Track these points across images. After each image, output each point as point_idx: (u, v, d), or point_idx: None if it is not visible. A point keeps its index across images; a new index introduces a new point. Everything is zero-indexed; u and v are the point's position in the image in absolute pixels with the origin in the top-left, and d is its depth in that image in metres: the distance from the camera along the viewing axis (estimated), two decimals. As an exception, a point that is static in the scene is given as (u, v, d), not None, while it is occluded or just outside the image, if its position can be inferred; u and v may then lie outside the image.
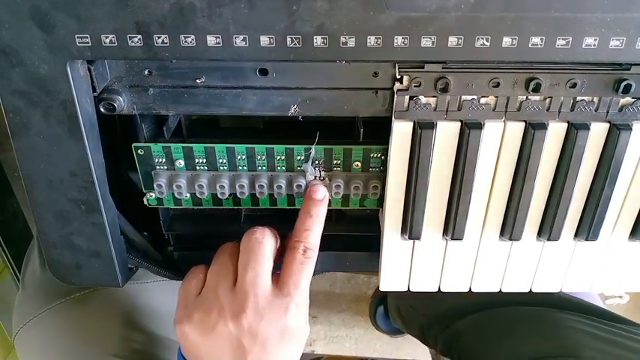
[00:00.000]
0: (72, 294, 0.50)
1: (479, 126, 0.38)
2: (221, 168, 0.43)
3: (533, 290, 0.46)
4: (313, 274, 0.43)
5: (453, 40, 0.33)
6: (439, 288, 0.46)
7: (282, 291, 0.39)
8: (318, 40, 0.33)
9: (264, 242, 0.40)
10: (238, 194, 0.43)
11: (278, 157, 0.42)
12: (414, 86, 0.37)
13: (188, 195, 0.44)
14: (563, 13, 0.33)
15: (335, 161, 0.42)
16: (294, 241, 0.40)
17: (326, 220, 0.49)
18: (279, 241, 0.43)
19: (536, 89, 0.36)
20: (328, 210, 0.46)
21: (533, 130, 0.38)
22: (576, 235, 0.43)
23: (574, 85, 0.37)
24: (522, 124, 0.38)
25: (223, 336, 0.38)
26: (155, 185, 0.43)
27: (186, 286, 0.42)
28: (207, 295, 0.40)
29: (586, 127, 0.38)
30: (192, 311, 0.40)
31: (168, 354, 0.53)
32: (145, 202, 0.45)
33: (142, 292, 0.53)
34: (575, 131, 0.38)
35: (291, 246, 0.40)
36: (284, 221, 0.49)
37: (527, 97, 0.37)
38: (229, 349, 0.38)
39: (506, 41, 0.34)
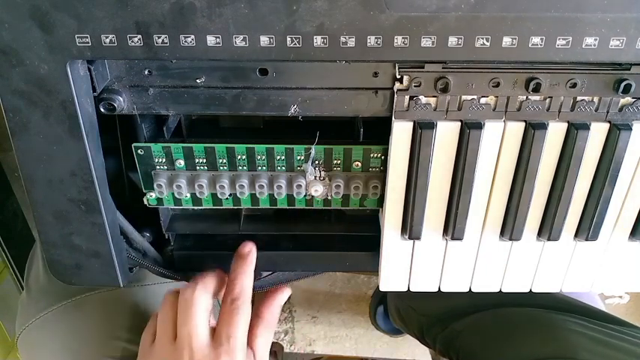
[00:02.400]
0: (74, 296, 0.51)
1: (479, 126, 0.38)
2: (221, 168, 0.43)
3: (534, 290, 0.46)
4: (313, 274, 0.43)
5: (453, 40, 0.33)
6: (439, 288, 0.46)
7: (216, 342, 0.41)
8: (318, 40, 0.33)
9: (195, 299, 0.42)
10: (238, 194, 0.43)
11: (278, 157, 0.42)
12: (414, 86, 0.37)
13: (188, 195, 0.44)
14: (563, 13, 0.33)
15: (335, 161, 0.42)
16: (224, 296, 0.43)
17: (326, 220, 0.50)
18: (225, 276, 0.46)
19: (536, 89, 0.36)
20: (328, 210, 0.46)
21: (533, 130, 0.38)
22: (576, 235, 0.43)
23: (574, 85, 0.37)
24: (522, 124, 0.38)
25: None
26: (155, 185, 0.43)
27: (146, 330, 0.45)
28: (155, 345, 0.43)
29: (586, 127, 0.38)
30: (146, 358, 0.43)
31: None
32: (145, 202, 0.45)
33: (142, 294, 0.53)
34: (575, 131, 0.38)
35: (222, 301, 0.43)
36: (284, 221, 0.49)
37: (527, 97, 0.37)
38: None
39: (506, 41, 0.34)
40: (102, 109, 0.38)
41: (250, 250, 0.45)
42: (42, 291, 0.52)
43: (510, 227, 0.42)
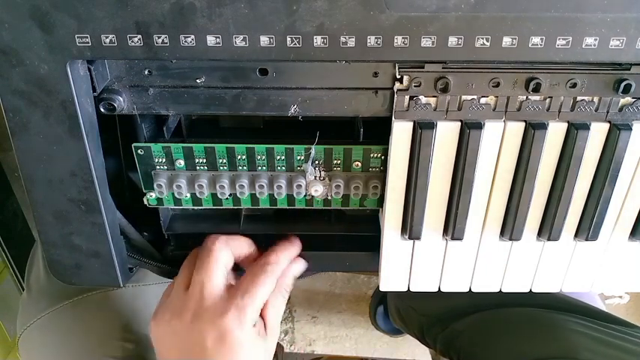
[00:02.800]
0: (74, 297, 0.51)
1: (479, 126, 0.38)
2: (221, 168, 0.43)
3: (534, 290, 0.46)
4: (313, 274, 0.43)
5: (453, 40, 0.33)
6: (439, 288, 0.46)
7: (231, 295, 0.41)
8: (318, 40, 0.33)
9: (215, 249, 0.42)
10: (238, 194, 0.43)
11: (278, 157, 0.42)
12: (414, 86, 0.37)
13: (188, 195, 0.44)
14: (563, 13, 0.33)
15: (335, 161, 0.42)
16: (259, 259, 0.43)
17: (326, 220, 0.50)
18: (253, 247, 0.46)
19: (536, 89, 0.36)
20: (328, 210, 0.46)
21: (533, 130, 0.38)
22: (576, 235, 0.43)
23: (574, 85, 0.37)
24: (522, 124, 0.38)
25: (173, 333, 0.40)
26: (155, 185, 0.43)
27: (165, 291, 0.45)
28: (170, 296, 0.43)
29: (586, 127, 0.38)
30: (157, 310, 0.43)
31: None
32: (145, 202, 0.45)
33: (142, 294, 0.53)
34: (575, 131, 0.38)
35: (255, 262, 0.43)
36: (284, 221, 0.49)
37: (527, 97, 0.37)
38: (177, 345, 0.40)
39: (506, 41, 0.34)
40: (102, 109, 0.38)
41: (297, 239, 0.45)
42: (43, 291, 0.52)
43: (510, 227, 0.42)
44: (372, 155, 0.42)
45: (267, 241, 0.50)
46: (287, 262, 0.43)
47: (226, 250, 0.43)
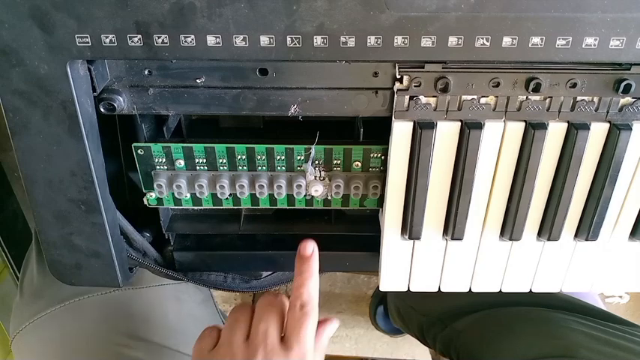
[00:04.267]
0: (67, 300, 0.50)
1: (479, 126, 0.38)
2: (221, 168, 0.43)
3: (534, 290, 0.46)
4: None
5: (453, 40, 0.33)
6: (439, 288, 0.46)
7: (286, 345, 0.40)
8: (318, 40, 0.33)
9: (277, 302, 0.43)
10: (238, 194, 0.43)
11: (278, 157, 0.42)
12: (414, 86, 0.37)
13: (188, 195, 0.44)
14: (563, 13, 0.33)
15: (335, 161, 0.42)
16: (292, 300, 0.42)
17: (326, 220, 0.50)
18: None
19: (536, 89, 0.36)
20: (328, 210, 0.46)
21: (533, 130, 0.38)
22: (576, 235, 0.43)
23: (574, 85, 0.37)
24: (522, 124, 0.38)
25: None
26: (155, 185, 0.43)
27: (199, 343, 0.44)
28: (220, 348, 0.42)
29: (586, 127, 0.38)
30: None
31: None
32: (145, 202, 0.45)
33: (136, 298, 0.53)
34: (575, 131, 0.38)
35: (290, 304, 0.42)
36: (284, 221, 0.49)
37: (527, 97, 0.37)
38: None
39: (506, 41, 0.34)
40: (102, 109, 0.38)
41: (313, 250, 0.43)
42: (35, 294, 0.52)
43: (510, 227, 0.42)
44: (372, 155, 0.42)
45: (267, 241, 0.51)
46: (316, 281, 0.43)
47: (284, 306, 0.43)
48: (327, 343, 0.45)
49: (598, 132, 0.38)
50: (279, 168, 0.43)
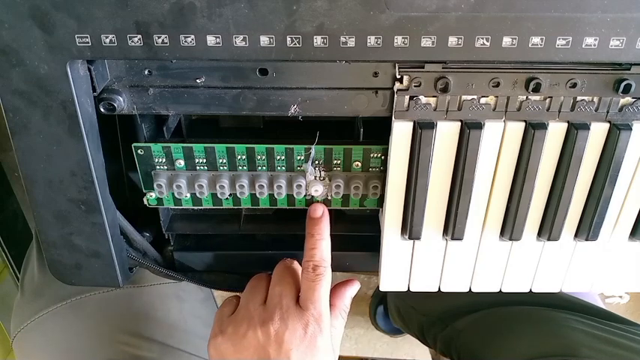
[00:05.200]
0: (68, 298, 0.50)
1: (479, 126, 0.38)
2: (221, 168, 0.43)
3: (534, 290, 0.46)
4: None
5: (453, 40, 0.33)
6: (439, 288, 0.46)
7: (302, 306, 0.41)
8: (318, 40, 0.33)
9: (292, 267, 0.44)
10: (238, 194, 0.43)
11: (278, 157, 0.42)
12: (414, 86, 0.37)
13: (188, 195, 0.44)
14: (563, 13, 0.33)
15: (335, 161, 0.42)
16: (304, 262, 0.43)
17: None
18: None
19: (536, 89, 0.36)
20: (328, 210, 0.46)
21: (533, 130, 0.38)
22: (576, 235, 0.43)
23: (574, 85, 0.37)
24: (522, 124, 0.38)
25: (252, 344, 0.40)
26: (155, 185, 0.43)
27: (221, 309, 0.45)
28: (239, 312, 0.43)
29: (586, 127, 0.38)
30: (225, 326, 0.43)
31: (164, 359, 0.53)
32: (145, 202, 0.45)
33: (137, 296, 0.53)
34: (575, 131, 0.38)
35: (303, 267, 0.43)
36: (284, 221, 0.49)
37: (527, 97, 0.37)
38: (257, 358, 0.40)
39: (506, 41, 0.34)
40: (102, 109, 0.38)
41: (323, 211, 0.44)
42: (36, 293, 0.52)
43: (510, 227, 0.42)
44: (372, 155, 0.42)
45: (267, 241, 0.51)
46: (327, 242, 0.44)
47: (299, 272, 0.44)
48: (350, 303, 0.47)
49: (598, 132, 0.38)
50: (279, 168, 0.43)
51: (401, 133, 0.39)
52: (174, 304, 0.55)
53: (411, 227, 0.42)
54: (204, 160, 0.42)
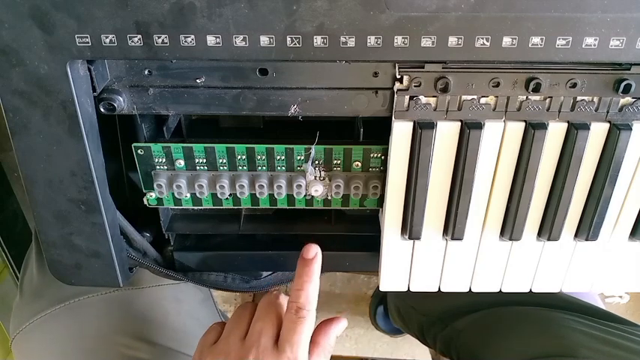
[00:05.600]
0: (67, 300, 0.50)
1: (479, 126, 0.38)
2: (221, 168, 0.43)
3: (534, 290, 0.46)
4: None
5: (453, 40, 0.33)
6: (439, 288, 0.46)
7: (280, 348, 0.41)
8: (318, 40, 0.33)
9: (277, 303, 0.44)
10: (238, 194, 0.43)
11: (278, 157, 0.42)
12: (414, 86, 0.37)
13: (188, 195, 0.44)
14: (563, 13, 0.33)
15: (335, 161, 0.42)
16: (289, 301, 0.43)
17: (326, 220, 0.50)
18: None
19: (536, 89, 0.36)
20: (328, 210, 0.46)
21: (533, 130, 0.38)
22: (576, 235, 0.43)
23: (574, 85, 0.37)
24: (522, 124, 0.38)
25: None
26: (155, 185, 0.43)
27: (205, 336, 0.45)
28: (220, 343, 0.43)
29: (586, 127, 0.38)
30: (204, 356, 0.43)
31: None
32: (145, 202, 0.45)
33: (136, 298, 0.53)
34: (575, 131, 0.38)
35: (287, 306, 0.43)
36: (284, 221, 0.49)
37: (527, 97, 0.37)
38: None
39: (506, 41, 0.34)
40: (102, 109, 0.38)
41: (315, 254, 0.43)
42: (36, 294, 0.52)
43: (510, 227, 0.42)
44: (372, 155, 0.42)
45: (267, 241, 0.51)
46: (315, 286, 0.43)
47: (284, 307, 0.44)
48: (334, 342, 0.46)
49: (598, 132, 0.38)
50: (279, 168, 0.43)
51: (401, 133, 0.39)
52: (173, 306, 0.55)
53: (411, 227, 0.42)
54: (204, 160, 0.42)
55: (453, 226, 0.42)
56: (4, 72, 0.34)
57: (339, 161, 0.42)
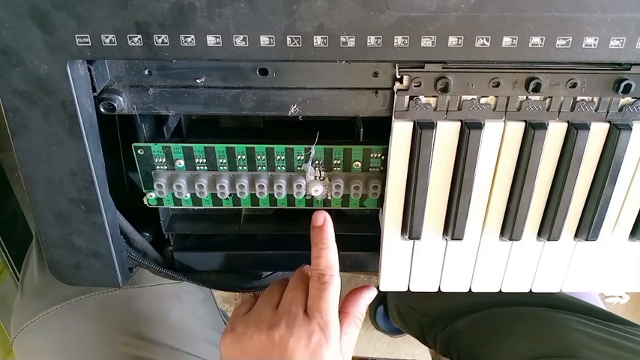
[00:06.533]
0: (68, 299, 0.50)
1: (479, 126, 0.38)
2: (221, 168, 0.43)
3: (534, 290, 0.46)
4: None
5: (453, 40, 0.33)
6: (439, 288, 0.46)
7: (309, 315, 0.41)
8: (318, 40, 0.33)
9: (308, 275, 0.44)
10: (238, 194, 0.43)
11: (278, 157, 0.42)
12: (414, 86, 0.37)
13: (188, 195, 0.44)
14: (563, 13, 0.33)
15: (335, 161, 0.42)
16: (311, 271, 0.43)
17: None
18: None
19: (536, 89, 0.36)
20: (328, 210, 0.46)
21: (533, 130, 0.38)
22: (576, 235, 0.43)
23: (574, 85, 0.37)
24: (522, 124, 0.38)
25: (256, 347, 0.41)
26: (155, 185, 0.43)
27: (238, 308, 0.46)
28: (252, 313, 0.44)
29: (586, 127, 0.38)
30: (236, 325, 0.43)
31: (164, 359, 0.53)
32: (145, 202, 0.45)
33: (137, 297, 0.53)
34: (575, 131, 0.38)
35: (311, 276, 0.43)
36: (284, 221, 0.49)
37: (527, 97, 0.37)
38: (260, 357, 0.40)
39: (506, 41, 0.34)
40: (102, 109, 0.38)
41: (324, 219, 0.44)
42: (36, 293, 0.52)
43: (510, 227, 0.42)
44: (372, 155, 0.42)
45: (267, 241, 0.51)
46: (333, 250, 0.43)
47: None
48: (365, 310, 0.46)
49: (598, 132, 0.38)
50: (279, 168, 0.43)
51: (401, 133, 0.39)
52: (174, 305, 0.55)
53: (411, 227, 0.42)
54: (204, 160, 0.42)
55: (453, 226, 0.42)
56: (4, 72, 0.34)
57: (339, 161, 0.42)
